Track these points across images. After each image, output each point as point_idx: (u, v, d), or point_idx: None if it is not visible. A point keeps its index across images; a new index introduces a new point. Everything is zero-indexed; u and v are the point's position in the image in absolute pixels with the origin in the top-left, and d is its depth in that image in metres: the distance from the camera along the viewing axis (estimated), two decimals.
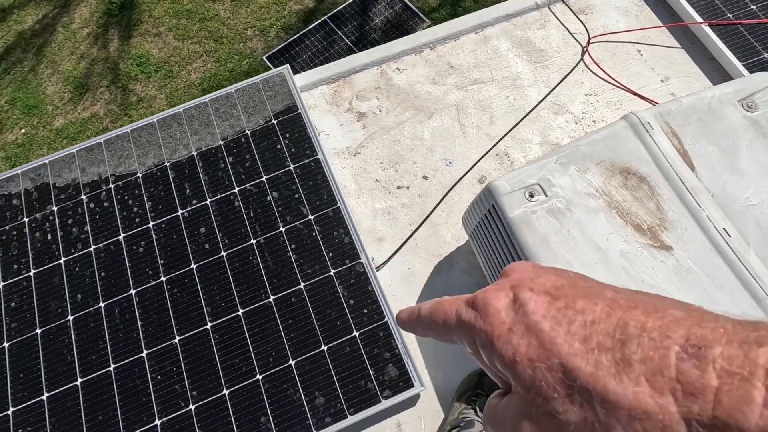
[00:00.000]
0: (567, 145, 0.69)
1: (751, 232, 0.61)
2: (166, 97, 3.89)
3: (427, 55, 1.09)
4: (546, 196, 0.65)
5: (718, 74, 1.00)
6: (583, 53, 1.05)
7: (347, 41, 3.86)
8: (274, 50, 3.91)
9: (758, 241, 0.61)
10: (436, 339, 0.27)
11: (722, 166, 0.65)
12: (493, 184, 0.67)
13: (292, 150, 0.96)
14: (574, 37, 1.07)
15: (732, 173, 0.65)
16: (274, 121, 0.99)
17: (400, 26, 3.86)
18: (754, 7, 1.02)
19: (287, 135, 0.98)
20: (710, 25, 1.00)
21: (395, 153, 0.99)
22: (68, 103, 3.95)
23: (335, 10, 4.02)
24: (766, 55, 0.97)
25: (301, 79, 1.07)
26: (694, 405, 0.17)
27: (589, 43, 1.06)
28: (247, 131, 0.99)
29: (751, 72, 0.95)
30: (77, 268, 0.88)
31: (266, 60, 3.92)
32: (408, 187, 0.96)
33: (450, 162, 0.97)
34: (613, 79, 1.02)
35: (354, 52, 3.86)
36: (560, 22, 1.09)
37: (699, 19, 1.01)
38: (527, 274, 0.24)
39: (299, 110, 0.99)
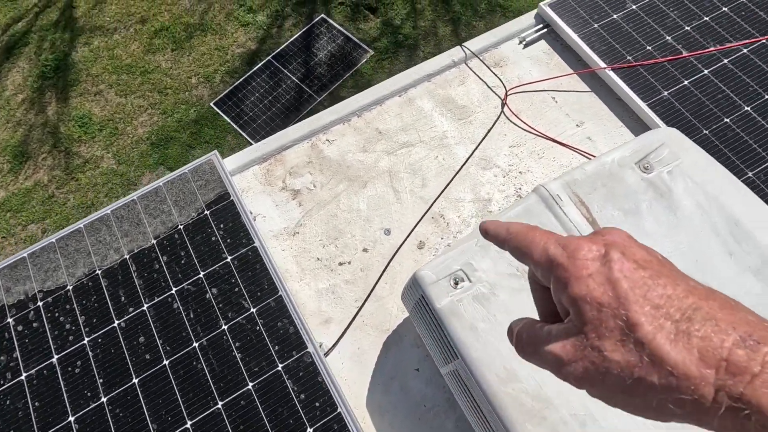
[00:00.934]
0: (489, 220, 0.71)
1: None
2: (113, 155, 3.78)
3: (355, 123, 1.10)
4: (470, 281, 0.67)
5: (627, 114, 1.06)
6: (502, 106, 1.09)
7: (294, 78, 3.89)
8: (221, 95, 3.89)
9: None
10: (510, 255, 0.32)
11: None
12: (419, 275, 0.68)
13: (228, 241, 0.95)
14: (492, 91, 1.12)
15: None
16: (207, 212, 0.98)
17: (344, 58, 3.93)
18: (650, 48, 1.09)
19: (221, 225, 0.97)
20: (613, 69, 1.07)
21: (334, 228, 0.99)
22: (8, 174, 3.78)
23: (278, 50, 4.05)
24: (665, 93, 1.04)
25: (231, 162, 1.06)
26: (730, 380, 0.20)
27: (507, 95, 1.10)
28: (179, 226, 0.97)
29: (654, 110, 1.02)
30: (8, 402, 0.83)
31: (214, 106, 3.89)
32: (349, 263, 0.96)
33: (388, 231, 0.98)
34: (533, 129, 1.06)
35: (302, 89, 3.89)
36: (478, 76, 1.14)
37: (602, 64, 1.08)
38: (623, 241, 0.27)
39: (231, 197, 0.99)
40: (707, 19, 1.12)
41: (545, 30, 1.17)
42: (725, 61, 1.07)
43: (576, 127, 1.06)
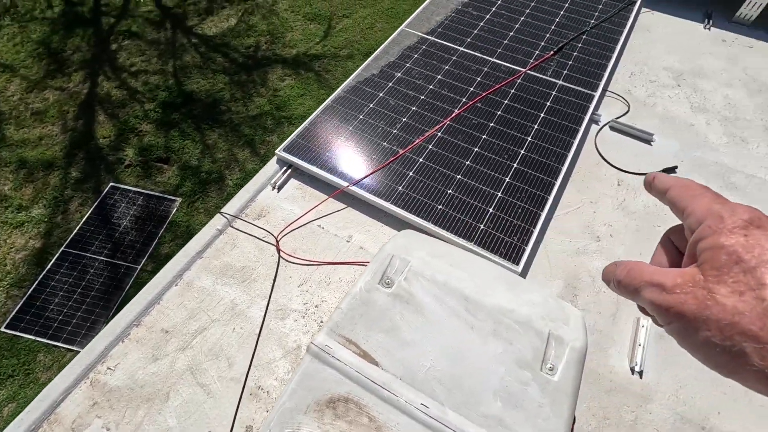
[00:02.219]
0: (272, 410, 0.71)
1: (439, 393, 0.72)
2: None
3: (135, 335, 1.02)
4: None
5: (382, 214, 1.23)
6: (278, 252, 1.15)
7: (101, 258, 3.50)
8: (13, 314, 3.26)
9: (447, 397, 0.72)
10: (669, 205, 0.33)
11: (394, 348, 0.77)
12: None
13: None
14: (264, 241, 1.18)
15: (404, 349, 0.77)
16: None
17: (152, 216, 3.72)
18: (375, 156, 1.31)
19: None
20: (353, 185, 1.24)
21: None
22: None
23: (71, 236, 3.64)
24: (400, 188, 1.24)
25: None
26: None
27: (278, 240, 1.17)
28: None
29: (396, 205, 1.20)
30: None
31: (7, 330, 3.22)
32: None
33: None
34: (312, 261, 1.14)
35: (115, 265, 3.51)
36: (247, 234, 1.19)
37: (344, 184, 1.24)
38: None
39: None
40: (405, 120, 1.41)
41: (290, 170, 1.30)
42: (430, 146, 1.35)
43: (347, 242, 1.18)
